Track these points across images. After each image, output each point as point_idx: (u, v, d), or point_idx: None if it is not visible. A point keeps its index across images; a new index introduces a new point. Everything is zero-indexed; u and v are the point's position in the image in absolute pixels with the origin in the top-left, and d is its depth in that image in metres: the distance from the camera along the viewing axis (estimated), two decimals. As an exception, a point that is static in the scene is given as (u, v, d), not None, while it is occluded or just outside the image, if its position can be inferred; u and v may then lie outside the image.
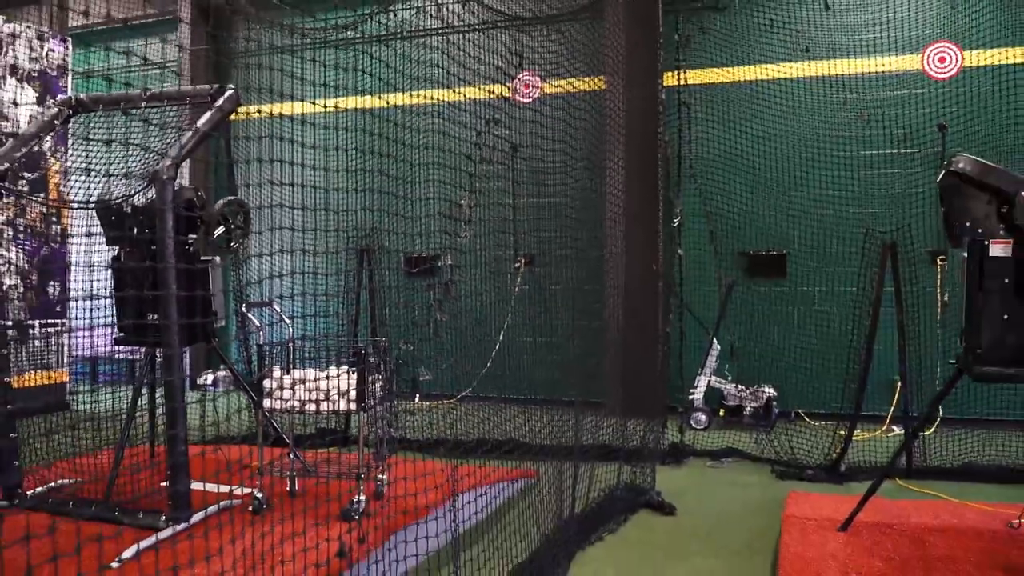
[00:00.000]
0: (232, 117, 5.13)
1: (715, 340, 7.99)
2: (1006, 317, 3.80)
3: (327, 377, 4.76)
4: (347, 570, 3.95)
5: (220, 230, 5.08)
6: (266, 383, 4.80)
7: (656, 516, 5.51)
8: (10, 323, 7.25)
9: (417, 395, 9.11)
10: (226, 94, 4.93)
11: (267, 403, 4.81)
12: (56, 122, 5.17)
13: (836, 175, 8.04)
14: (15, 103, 8.32)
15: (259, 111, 4.37)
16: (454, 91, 5.31)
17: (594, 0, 7.99)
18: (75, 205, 5.40)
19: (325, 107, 3.97)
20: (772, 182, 8.35)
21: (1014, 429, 7.23)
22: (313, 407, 4.76)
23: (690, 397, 8.01)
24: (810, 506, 5.25)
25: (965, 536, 4.61)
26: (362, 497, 4.76)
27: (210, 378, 9.48)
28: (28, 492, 4.97)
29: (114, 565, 3.93)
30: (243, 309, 6.31)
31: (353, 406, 4.73)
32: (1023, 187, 3.70)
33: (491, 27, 6.79)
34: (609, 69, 8.12)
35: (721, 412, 8.06)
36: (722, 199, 8.39)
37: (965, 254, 3.99)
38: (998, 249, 3.78)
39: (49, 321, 8.58)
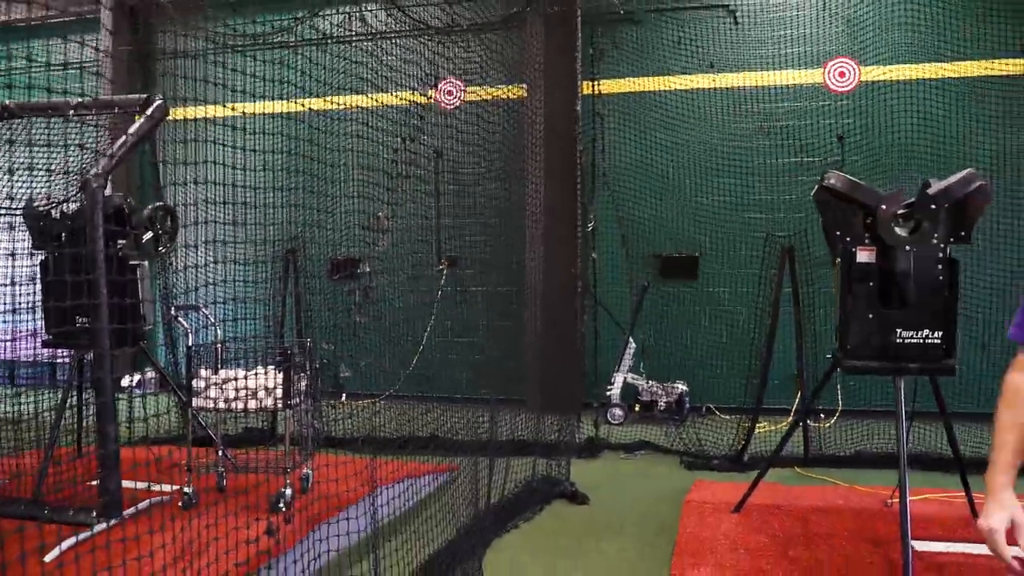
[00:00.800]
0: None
1: (631, 339, 8.47)
2: (871, 316, 4.31)
3: (255, 376, 5.03)
4: (274, 557, 4.23)
5: (148, 235, 5.29)
6: (195, 383, 5.04)
7: (570, 506, 5.90)
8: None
9: (344, 394, 9.37)
10: (155, 104, 5.15)
11: (196, 402, 5.06)
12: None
13: (743, 182, 8.61)
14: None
15: (184, 115, 4.58)
16: (377, 98, 5.62)
17: (515, 11, 8.39)
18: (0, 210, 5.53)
19: (249, 111, 4.19)
20: (684, 189, 8.88)
21: (921, 420, 7.76)
22: (240, 405, 5.02)
23: (607, 393, 8.47)
24: (710, 492, 5.74)
25: (845, 515, 5.15)
26: (288, 490, 5.04)
27: (135, 380, 9.56)
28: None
29: (47, 559, 4.14)
30: (171, 312, 6.50)
31: (279, 404, 5.01)
32: (883, 201, 4.23)
33: (414, 35, 7.10)
34: (529, 78, 8.54)
35: (636, 407, 8.53)
36: (636, 205, 8.89)
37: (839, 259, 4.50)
38: (864, 256, 4.29)
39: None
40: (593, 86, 8.68)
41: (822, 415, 8.34)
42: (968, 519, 4.87)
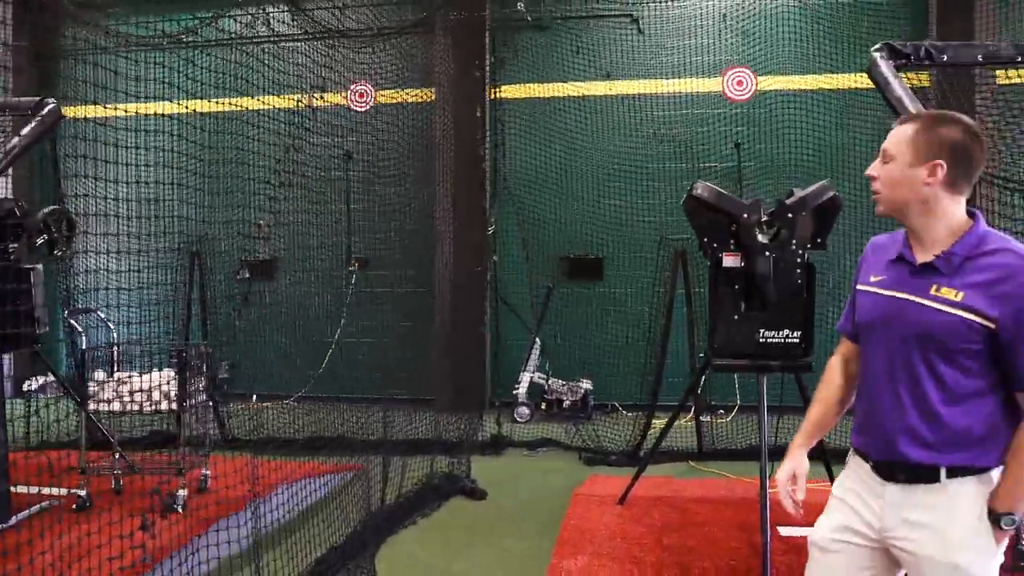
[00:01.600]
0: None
1: (537, 339, 8.76)
2: (736, 317, 4.66)
3: (149, 378, 5.14)
4: (158, 562, 4.34)
5: (42, 239, 5.34)
6: (90, 386, 5.12)
7: (469, 502, 6.13)
8: None
9: (253, 396, 9.43)
10: (47, 107, 5.19)
11: (91, 405, 5.13)
12: None
13: (644, 187, 8.96)
14: None
15: (86, 114, 4.61)
16: (270, 100, 5.74)
17: (424, 16, 8.58)
18: None
19: (151, 111, 4.26)
20: (589, 193, 9.21)
21: (791, 413, 8.22)
22: (136, 407, 5.12)
23: (514, 392, 8.74)
24: (601, 486, 6.05)
25: (722, 504, 5.51)
26: (183, 491, 5.15)
27: (36, 384, 9.44)
28: None
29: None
30: (67, 315, 6.52)
31: (174, 405, 5.12)
32: (746, 210, 4.58)
33: (323, 38, 7.22)
34: (438, 82, 8.76)
35: (543, 406, 8.82)
36: (541, 208, 9.19)
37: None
38: (729, 261, 4.63)
39: None
40: (494, 92, 8.94)
41: (720, 411, 8.76)
42: (831, 505, 5.27)
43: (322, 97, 5.40)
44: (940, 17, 8.49)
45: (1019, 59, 4.22)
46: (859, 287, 2.49)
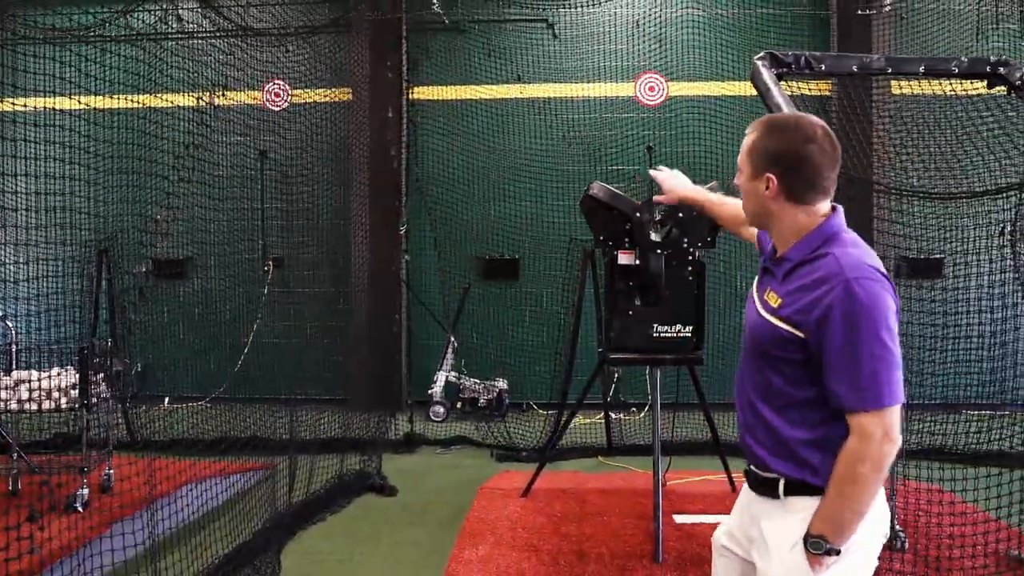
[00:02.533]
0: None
1: (452, 338, 8.90)
2: (630, 313, 4.89)
3: (48, 377, 5.12)
4: (71, 554, 4.35)
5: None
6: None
7: (378, 498, 6.24)
8: None
9: (166, 398, 9.36)
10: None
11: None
12: None
13: (559, 189, 9.20)
14: None
15: None
16: (172, 99, 5.76)
17: (341, 15, 8.65)
18: None
19: (57, 106, 4.25)
20: (507, 194, 9.40)
21: (688, 410, 8.47)
22: (34, 407, 5.09)
23: (429, 392, 8.86)
24: (507, 480, 6.22)
25: (621, 495, 5.74)
26: (84, 491, 5.14)
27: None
28: None
29: None
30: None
31: (75, 404, 5.11)
32: (639, 210, 4.81)
33: (234, 35, 7.23)
34: (354, 82, 8.84)
35: (458, 404, 8.97)
36: (459, 208, 9.35)
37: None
38: (624, 258, 4.86)
39: None
40: (407, 93, 9.07)
41: (633, 408, 9.04)
42: (725, 494, 5.56)
43: (224, 95, 5.43)
44: (840, 30, 8.93)
45: (889, 70, 4.53)
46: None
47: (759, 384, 2.23)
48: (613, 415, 8.12)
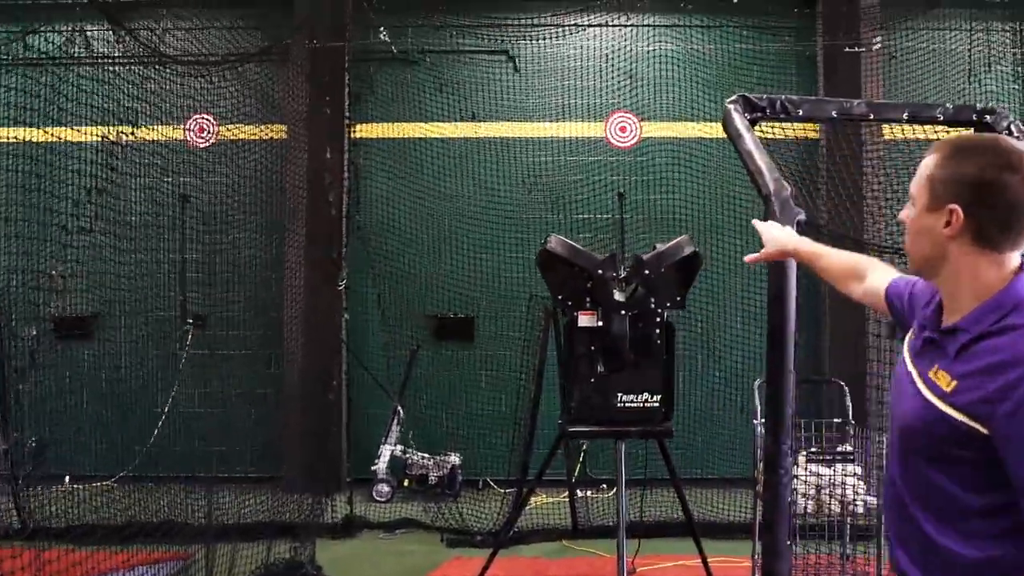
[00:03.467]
0: None
1: (399, 407, 8.94)
2: (592, 380, 5.01)
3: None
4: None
5: None
6: None
7: (311, 591, 6.24)
8: None
9: (67, 477, 9.24)
10: None
11: None
12: None
13: (520, 239, 9.34)
14: None
15: None
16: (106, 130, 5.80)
17: (275, 42, 8.81)
18: None
19: None
20: (461, 246, 9.50)
21: (658, 486, 8.46)
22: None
23: (372, 468, 8.85)
24: (458, 570, 6.30)
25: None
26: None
27: None
28: None
29: None
30: None
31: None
32: (600, 266, 4.97)
33: (153, 63, 7.33)
34: (291, 118, 8.98)
35: (406, 482, 8.96)
36: (408, 260, 9.45)
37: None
38: (585, 320, 5.00)
39: None
40: (349, 131, 9.21)
41: (603, 485, 9.09)
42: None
43: (134, 132, 5.52)
44: (827, 67, 9.30)
45: (871, 116, 4.77)
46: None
47: (919, 488, 1.97)
48: (579, 493, 8.21)
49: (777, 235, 2.77)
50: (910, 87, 8.95)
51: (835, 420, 5.77)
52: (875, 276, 2.46)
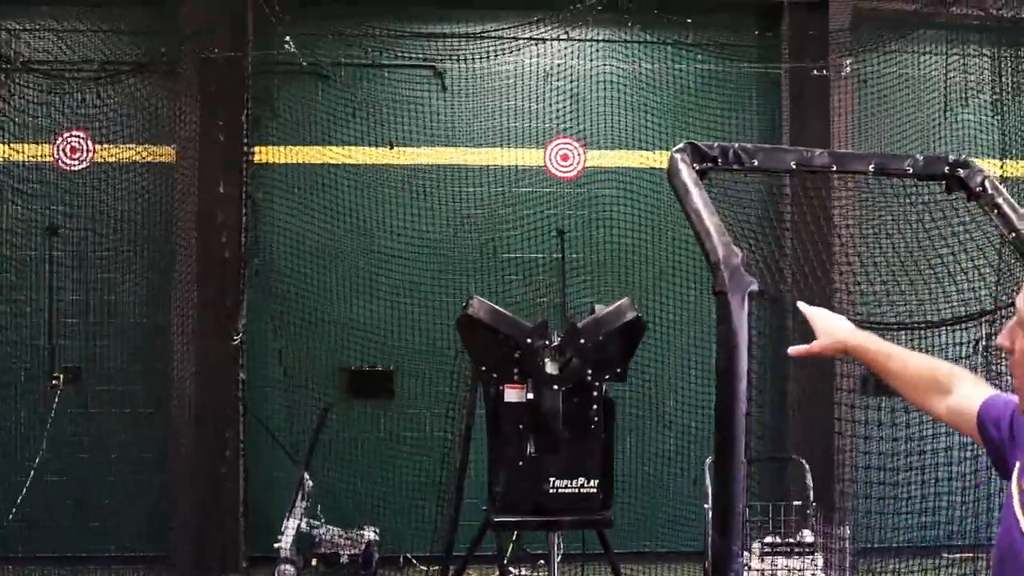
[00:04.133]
0: None
1: (306, 476, 8.77)
2: (521, 463, 4.95)
3: None
4: None
5: None
6: None
7: None
8: None
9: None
10: None
11: None
12: None
13: (446, 282, 9.27)
14: None
15: None
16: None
17: (161, 53, 8.65)
18: None
19: None
20: (377, 288, 9.36)
21: (596, 562, 8.42)
22: None
23: (275, 545, 8.66)
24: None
25: None
26: None
27: None
28: None
29: None
30: None
31: None
32: (530, 334, 4.91)
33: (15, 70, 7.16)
34: (181, 139, 8.83)
35: (314, 561, 8.78)
36: (315, 306, 9.27)
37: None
38: (513, 394, 4.93)
39: None
40: (248, 155, 9.02)
41: (541, 561, 9.01)
42: None
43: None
44: (792, 91, 9.41)
45: (834, 168, 4.80)
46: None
47: None
48: (513, 570, 8.13)
49: (834, 325, 2.63)
50: (884, 114, 9.10)
51: (795, 503, 5.78)
52: (963, 391, 2.35)
